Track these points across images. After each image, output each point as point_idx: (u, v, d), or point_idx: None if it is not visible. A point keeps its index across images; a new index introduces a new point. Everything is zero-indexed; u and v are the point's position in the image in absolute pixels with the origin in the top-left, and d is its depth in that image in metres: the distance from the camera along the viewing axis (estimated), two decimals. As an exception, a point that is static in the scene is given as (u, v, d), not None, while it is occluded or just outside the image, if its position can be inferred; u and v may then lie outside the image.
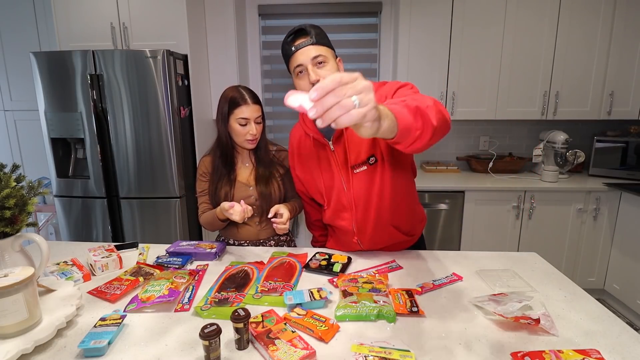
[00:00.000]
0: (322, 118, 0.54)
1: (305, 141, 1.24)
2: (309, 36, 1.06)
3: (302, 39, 1.06)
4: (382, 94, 1.03)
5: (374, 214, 1.15)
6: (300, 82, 1.09)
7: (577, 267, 2.45)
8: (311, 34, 1.06)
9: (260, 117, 1.32)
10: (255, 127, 1.29)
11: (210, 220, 1.34)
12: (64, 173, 2.29)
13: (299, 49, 1.06)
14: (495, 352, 0.73)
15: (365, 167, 1.12)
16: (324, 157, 1.18)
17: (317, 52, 1.05)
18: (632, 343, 0.76)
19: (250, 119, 1.28)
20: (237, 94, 1.28)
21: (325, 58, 1.06)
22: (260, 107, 1.32)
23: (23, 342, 0.72)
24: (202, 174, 1.40)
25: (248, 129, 1.28)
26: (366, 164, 1.11)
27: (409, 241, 1.29)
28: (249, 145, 1.33)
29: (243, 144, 1.32)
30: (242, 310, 0.74)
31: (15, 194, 0.85)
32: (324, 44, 1.08)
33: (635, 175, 2.43)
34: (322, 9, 2.76)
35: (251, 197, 1.35)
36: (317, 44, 1.05)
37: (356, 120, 0.54)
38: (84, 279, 1.06)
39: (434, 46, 2.48)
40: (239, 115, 1.27)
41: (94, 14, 2.26)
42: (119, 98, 2.12)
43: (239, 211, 1.15)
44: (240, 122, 1.28)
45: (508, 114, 2.54)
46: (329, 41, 1.11)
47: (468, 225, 2.44)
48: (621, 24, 2.36)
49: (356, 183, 1.14)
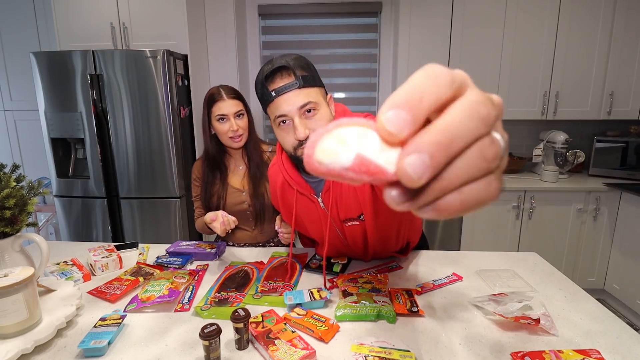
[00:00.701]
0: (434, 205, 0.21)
1: (288, 190, 1.02)
2: (293, 76, 0.82)
3: (285, 80, 0.83)
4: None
5: (371, 253, 1.12)
6: (283, 135, 0.88)
7: (577, 267, 2.45)
8: (296, 72, 0.82)
9: (242, 112, 1.28)
10: (236, 122, 1.26)
11: (202, 226, 1.33)
12: (64, 173, 2.29)
13: (279, 95, 0.83)
14: (495, 352, 0.73)
15: (357, 223, 0.98)
16: (313, 210, 1.01)
17: (306, 99, 0.82)
18: (632, 343, 0.76)
19: (229, 114, 1.25)
20: (214, 91, 1.27)
21: (315, 105, 0.83)
22: (240, 101, 1.28)
23: (23, 342, 0.72)
24: (195, 178, 1.39)
25: (228, 125, 1.25)
26: (357, 220, 0.98)
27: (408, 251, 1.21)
28: (234, 144, 1.29)
29: (228, 142, 1.29)
30: (242, 310, 0.74)
31: (15, 194, 0.85)
32: (313, 84, 0.84)
33: (635, 175, 2.43)
34: (322, 9, 2.76)
35: (244, 203, 1.34)
36: (304, 86, 0.82)
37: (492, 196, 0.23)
38: (84, 279, 1.06)
39: (434, 46, 2.48)
40: (217, 112, 1.25)
41: (94, 14, 2.26)
42: (119, 98, 2.12)
43: (219, 223, 1.09)
44: (219, 119, 1.26)
45: (508, 114, 2.53)
46: (317, 75, 0.88)
47: (468, 225, 2.44)
48: (621, 24, 2.36)
49: (350, 233, 1.03)
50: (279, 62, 0.83)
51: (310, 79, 0.85)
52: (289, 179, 0.99)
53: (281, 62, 0.83)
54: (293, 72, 0.83)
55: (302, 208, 1.02)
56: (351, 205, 0.95)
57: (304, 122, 0.84)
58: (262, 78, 0.85)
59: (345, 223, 1.00)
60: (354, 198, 0.94)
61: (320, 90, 0.88)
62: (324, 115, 0.86)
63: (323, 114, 0.86)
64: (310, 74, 0.86)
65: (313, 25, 2.83)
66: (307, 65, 0.87)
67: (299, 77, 0.82)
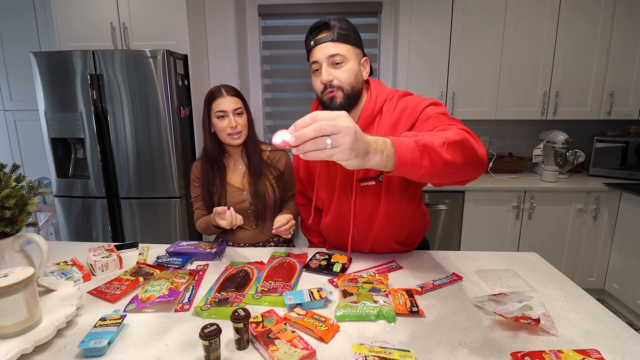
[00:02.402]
0: (298, 149, 0.60)
1: None
2: (331, 31, 0.97)
3: (323, 34, 0.98)
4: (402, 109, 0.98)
5: (375, 228, 1.12)
6: (314, 80, 1.03)
7: (577, 267, 2.45)
8: (334, 29, 0.97)
9: (241, 109, 1.30)
10: (235, 119, 1.28)
11: (205, 226, 1.34)
12: (64, 173, 2.29)
13: (317, 45, 0.99)
14: (495, 352, 0.73)
15: (374, 183, 1.06)
16: (331, 165, 1.12)
17: (335, 50, 0.97)
18: (632, 343, 0.76)
19: (228, 110, 1.27)
20: (214, 89, 1.30)
21: (343, 58, 0.98)
22: (239, 99, 1.31)
23: (23, 342, 0.72)
24: (195, 179, 1.39)
25: (227, 122, 1.28)
26: (375, 179, 1.06)
27: (408, 250, 1.24)
28: (232, 141, 1.31)
29: (227, 139, 1.31)
30: (242, 310, 0.74)
31: (15, 194, 0.85)
32: (346, 41, 0.98)
33: (635, 175, 2.43)
34: (322, 9, 2.76)
35: (245, 202, 1.34)
36: (337, 41, 0.97)
37: (325, 158, 0.61)
38: (84, 279, 1.06)
39: (434, 45, 2.48)
40: (216, 108, 1.28)
41: (94, 14, 2.26)
42: (119, 98, 2.12)
43: (228, 216, 1.15)
44: (218, 115, 1.28)
45: (508, 114, 2.54)
46: (355, 39, 1.01)
47: (468, 225, 2.44)
48: (621, 24, 2.36)
49: (361, 195, 1.09)
50: (324, 19, 0.99)
51: (345, 37, 0.98)
52: None
53: (325, 19, 0.99)
54: (332, 28, 0.97)
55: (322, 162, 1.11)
56: None
57: (330, 70, 0.98)
58: (309, 31, 1.02)
59: (361, 182, 1.07)
60: None
61: (355, 50, 1.01)
62: (351, 69, 0.99)
63: (350, 67, 0.99)
64: (348, 33, 0.99)
65: (313, 25, 2.83)
66: (348, 26, 1.00)
67: (334, 33, 0.97)
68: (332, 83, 0.98)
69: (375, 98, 1.04)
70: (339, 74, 0.98)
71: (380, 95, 1.04)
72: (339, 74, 0.98)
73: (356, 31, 1.02)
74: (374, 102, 1.03)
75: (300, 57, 2.88)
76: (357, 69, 1.00)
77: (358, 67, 1.01)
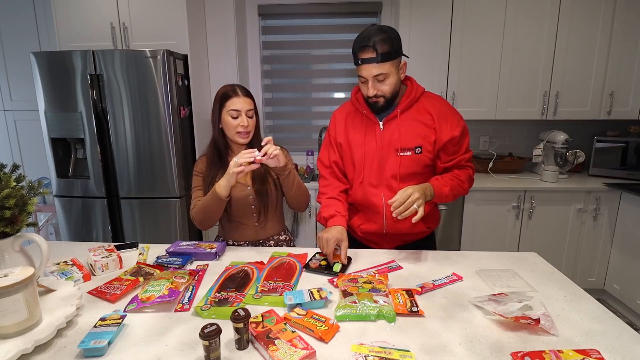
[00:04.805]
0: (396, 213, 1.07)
1: (354, 115, 1.32)
2: (375, 54, 1.11)
3: (368, 54, 1.12)
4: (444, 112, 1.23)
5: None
6: (362, 87, 1.21)
7: (577, 267, 2.45)
8: (377, 51, 1.10)
9: (252, 112, 1.34)
10: (247, 119, 1.31)
11: (204, 206, 1.28)
12: (64, 173, 2.29)
13: (362, 64, 1.14)
14: (495, 352, 0.73)
15: (410, 154, 1.22)
16: (370, 132, 1.27)
17: (379, 70, 1.13)
18: (632, 343, 0.76)
19: (242, 110, 1.30)
20: (229, 88, 1.33)
21: (386, 75, 1.14)
22: (252, 101, 1.34)
23: (23, 342, 0.72)
24: (199, 171, 1.39)
25: (239, 121, 1.30)
26: (412, 150, 1.22)
27: (425, 232, 1.35)
28: (241, 139, 1.34)
29: (235, 137, 1.33)
30: (242, 310, 0.74)
31: (15, 194, 0.85)
32: (388, 59, 1.12)
33: (635, 175, 2.43)
34: (322, 9, 2.76)
35: (249, 197, 1.35)
36: (381, 62, 1.11)
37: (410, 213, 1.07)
38: (84, 279, 1.06)
39: (434, 46, 2.48)
40: (231, 107, 1.30)
41: (94, 14, 2.26)
42: (119, 98, 2.12)
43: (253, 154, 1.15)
44: (232, 115, 1.30)
45: (508, 114, 2.54)
46: (396, 50, 1.14)
47: (468, 225, 2.44)
48: (621, 24, 2.36)
49: (398, 164, 1.23)
50: (366, 42, 1.12)
51: (387, 55, 1.12)
52: (359, 107, 1.29)
53: (368, 43, 1.11)
54: (375, 50, 1.11)
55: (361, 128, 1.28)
56: (412, 137, 1.22)
57: (376, 85, 1.16)
58: (356, 45, 1.16)
59: (399, 152, 1.23)
60: (417, 132, 1.22)
61: (395, 62, 1.16)
62: (392, 82, 1.17)
63: (391, 81, 1.17)
64: (390, 51, 1.12)
65: (313, 25, 2.83)
66: (391, 42, 1.12)
67: (378, 55, 1.11)
68: (377, 94, 1.18)
69: (415, 91, 1.26)
70: (383, 88, 1.17)
71: (418, 89, 1.28)
72: (383, 88, 1.17)
73: (397, 40, 1.15)
74: (414, 94, 1.25)
75: (300, 57, 2.88)
76: (397, 79, 1.19)
77: (398, 76, 1.19)
